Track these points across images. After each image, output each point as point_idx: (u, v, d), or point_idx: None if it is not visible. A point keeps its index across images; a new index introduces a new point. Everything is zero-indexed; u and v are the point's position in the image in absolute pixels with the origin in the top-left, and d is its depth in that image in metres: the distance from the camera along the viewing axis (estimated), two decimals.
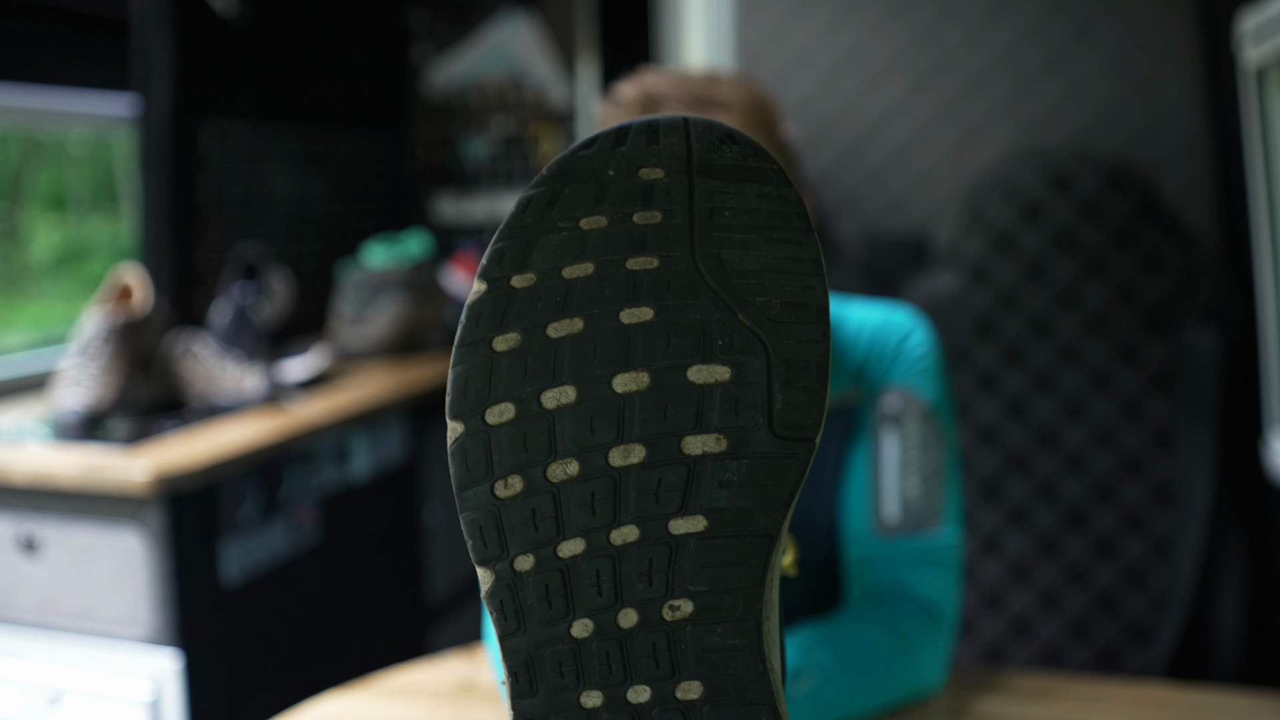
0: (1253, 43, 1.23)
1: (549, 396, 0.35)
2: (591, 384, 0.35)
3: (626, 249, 0.36)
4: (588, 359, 0.35)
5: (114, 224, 2.07)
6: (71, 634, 1.35)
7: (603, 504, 0.34)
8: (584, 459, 0.35)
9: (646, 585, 0.34)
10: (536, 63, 2.43)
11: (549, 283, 0.36)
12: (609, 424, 0.35)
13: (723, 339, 0.35)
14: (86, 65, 1.76)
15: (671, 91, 0.80)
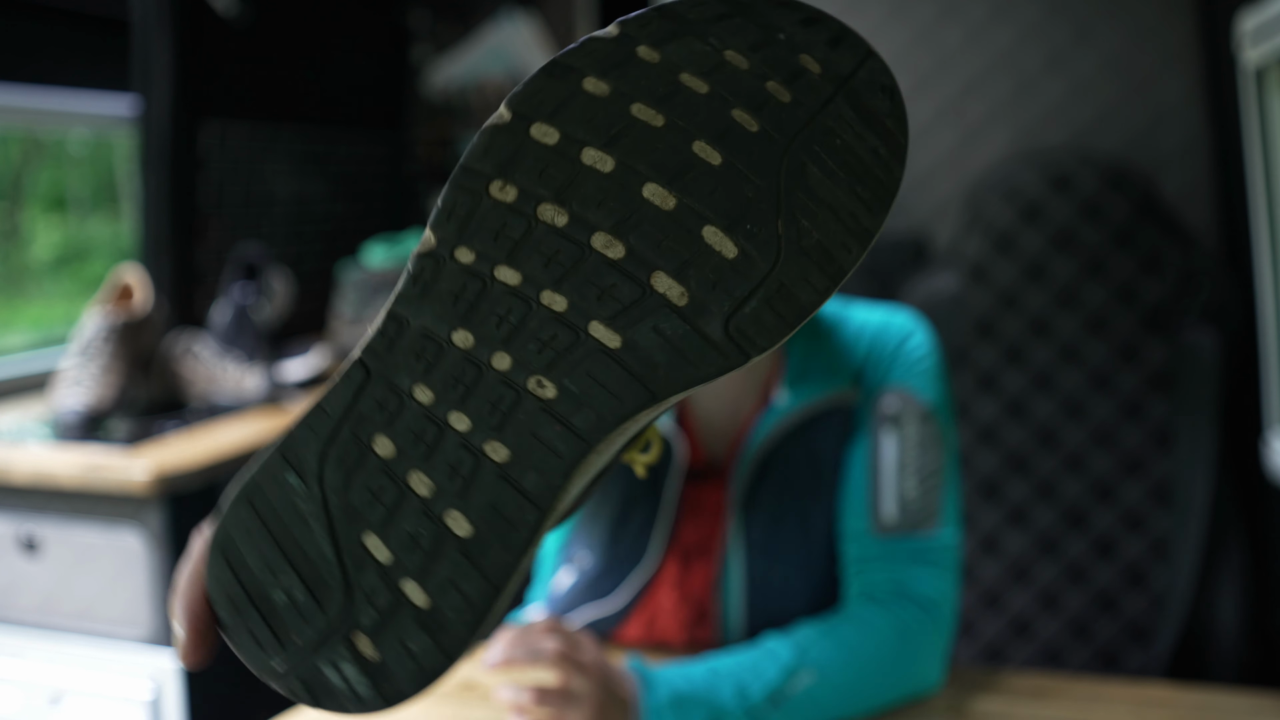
0: (1252, 43, 1.24)
1: (592, 153, 0.35)
2: (629, 171, 0.35)
3: (743, 99, 0.35)
4: (646, 149, 0.35)
5: (114, 224, 2.07)
6: (72, 634, 1.35)
7: (557, 265, 0.34)
8: (574, 220, 0.35)
9: (536, 351, 0.34)
10: (537, 63, 2.43)
11: (665, 74, 0.35)
12: (616, 213, 0.34)
13: (751, 225, 0.34)
14: (87, 65, 1.76)
15: None
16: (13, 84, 1.64)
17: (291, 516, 0.34)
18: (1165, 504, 1.41)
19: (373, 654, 0.34)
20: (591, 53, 0.36)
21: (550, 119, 0.35)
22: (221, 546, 0.35)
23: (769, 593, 0.86)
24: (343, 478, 0.34)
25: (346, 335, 1.96)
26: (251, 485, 0.35)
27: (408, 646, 0.33)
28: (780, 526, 0.86)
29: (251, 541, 0.34)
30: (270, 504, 0.34)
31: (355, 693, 0.34)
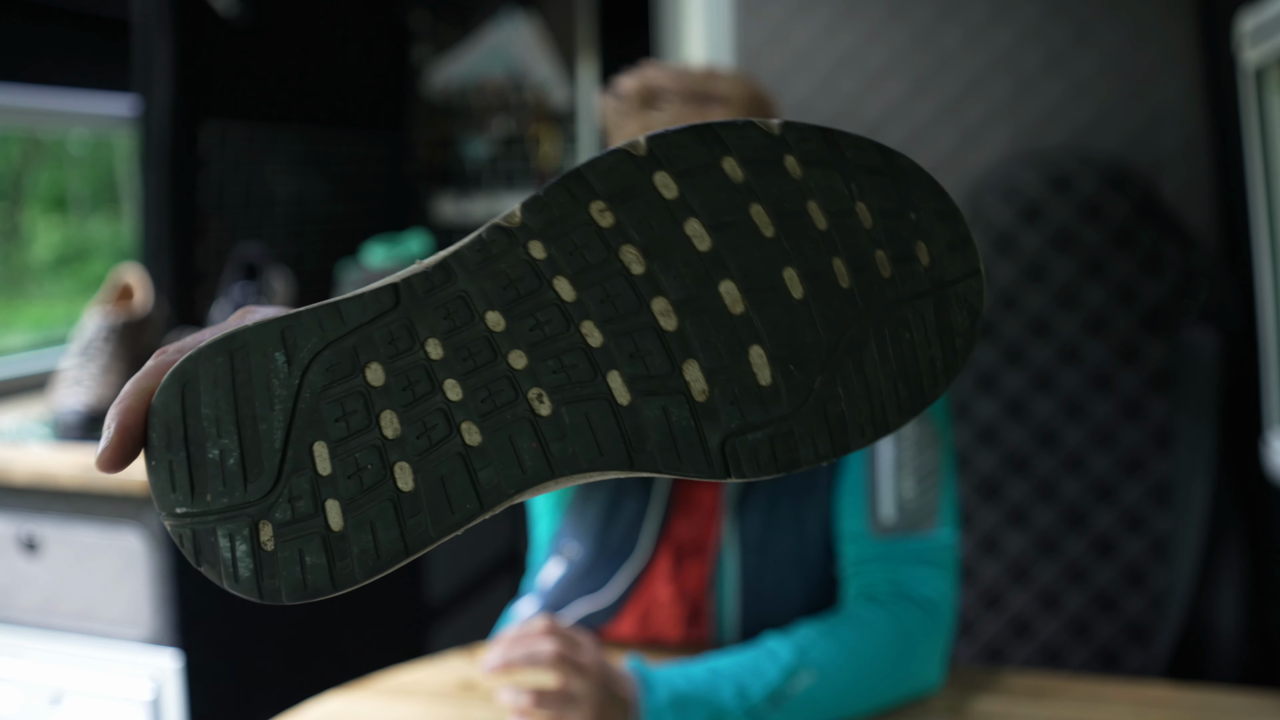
0: (1252, 43, 1.24)
1: (696, 226, 0.34)
2: (719, 260, 0.35)
3: (850, 253, 0.35)
4: (744, 249, 0.34)
5: (115, 224, 2.08)
6: (72, 634, 1.35)
7: (611, 306, 0.34)
8: (648, 276, 0.35)
9: (552, 368, 0.34)
10: (537, 63, 2.43)
11: (797, 194, 0.35)
12: (686, 290, 0.34)
13: (794, 367, 0.35)
14: (87, 65, 1.76)
15: (671, 85, 0.81)
16: (13, 84, 1.65)
17: (261, 390, 0.34)
18: (1165, 504, 1.41)
19: (270, 547, 0.34)
20: (746, 138, 0.35)
21: (678, 176, 0.35)
22: (182, 378, 0.35)
23: (763, 592, 0.86)
24: (324, 382, 0.34)
25: None
26: (238, 340, 0.35)
27: (304, 558, 0.34)
28: (774, 526, 0.86)
29: (213, 391, 0.34)
30: (247, 368, 0.34)
31: (235, 571, 0.35)
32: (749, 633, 0.86)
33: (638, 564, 0.88)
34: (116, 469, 0.35)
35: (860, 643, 0.77)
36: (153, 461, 0.35)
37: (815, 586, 0.87)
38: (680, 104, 0.80)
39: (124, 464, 0.35)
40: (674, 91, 0.81)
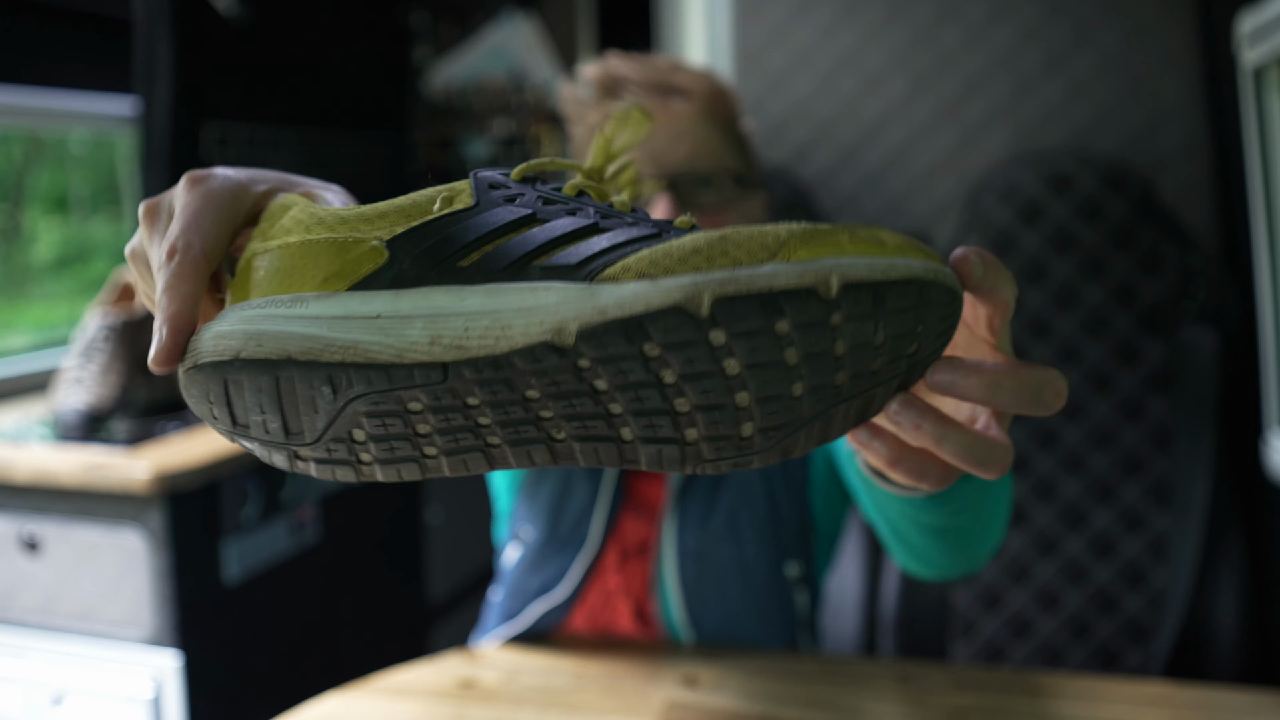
0: (1251, 44, 1.24)
1: (733, 363, 0.36)
2: (740, 381, 0.37)
3: (855, 366, 0.37)
4: (766, 379, 0.37)
5: (116, 225, 2.08)
6: (73, 634, 1.35)
7: (637, 399, 0.37)
8: (679, 382, 0.37)
9: (568, 417, 0.37)
10: (537, 64, 2.43)
11: (830, 338, 0.37)
12: (707, 397, 0.36)
13: (775, 431, 0.38)
14: (89, 66, 1.77)
15: (634, 76, 0.81)
16: (15, 85, 1.65)
17: (306, 403, 0.37)
18: (1164, 503, 1.41)
19: (307, 469, 0.39)
20: (805, 307, 0.35)
21: (731, 335, 0.35)
22: (224, 373, 0.38)
23: (705, 597, 0.86)
24: (368, 408, 0.37)
25: None
26: (284, 369, 0.37)
27: (334, 474, 0.39)
28: (708, 529, 0.87)
29: (256, 395, 0.37)
30: (293, 389, 0.37)
31: (269, 456, 0.40)
32: (701, 633, 0.87)
33: (588, 556, 0.88)
34: (170, 367, 0.38)
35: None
36: (191, 391, 0.40)
37: (760, 591, 0.87)
38: (642, 95, 0.80)
39: (177, 360, 0.38)
40: (636, 82, 0.80)
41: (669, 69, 0.82)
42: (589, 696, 0.81)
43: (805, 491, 0.92)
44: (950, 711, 0.79)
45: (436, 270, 0.37)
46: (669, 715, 0.78)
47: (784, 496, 0.90)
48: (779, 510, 0.90)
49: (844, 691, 0.81)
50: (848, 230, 0.36)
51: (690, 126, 0.80)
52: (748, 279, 0.34)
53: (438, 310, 0.36)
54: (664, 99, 0.80)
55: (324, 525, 1.60)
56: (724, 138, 0.82)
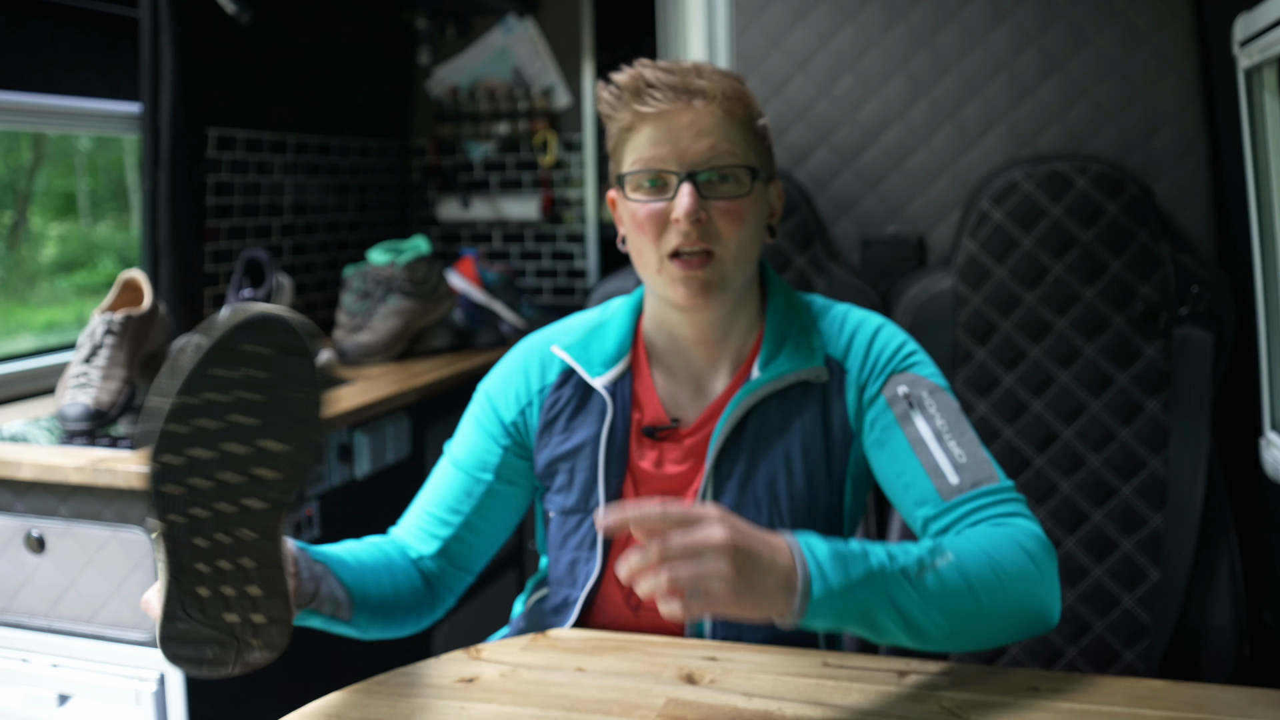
0: (1247, 47, 1.25)
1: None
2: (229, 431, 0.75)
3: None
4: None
5: (121, 227, 2.09)
6: (78, 632, 1.36)
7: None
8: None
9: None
10: (539, 67, 2.44)
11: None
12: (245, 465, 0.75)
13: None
14: (95, 69, 1.78)
15: (659, 80, 0.89)
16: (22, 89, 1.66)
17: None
18: (1158, 502, 1.42)
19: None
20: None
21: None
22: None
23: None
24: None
25: (350, 337, 1.97)
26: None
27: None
28: (747, 493, 0.93)
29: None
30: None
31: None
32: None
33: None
34: None
35: (985, 542, 0.81)
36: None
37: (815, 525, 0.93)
38: (667, 96, 0.88)
39: None
40: (661, 85, 0.88)
41: (692, 72, 0.90)
42: (590, 693, 0.82)
43: (844, 480, 0.96)
44: (948, 709, 0.80)
45: None
46: (669, 712, 0.79)
47: (823, 479, 0.94)
48: (816, 491, 0.94)
49: (843, 688, 0.82)
50: None
51: (711, 125, 0.89)
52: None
53: None
54: (688, 100, 0.88)
55: (325, 523, 1.61)
56: (743, 134, 0.91)
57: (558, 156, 2.45)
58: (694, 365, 0.97)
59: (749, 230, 0.91)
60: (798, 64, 1.69)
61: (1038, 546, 0.83)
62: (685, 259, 0.89)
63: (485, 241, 2.53)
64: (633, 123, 0.90)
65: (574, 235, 2.47)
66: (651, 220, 0.89)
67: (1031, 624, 0.82)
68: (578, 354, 0.98)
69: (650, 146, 0.89)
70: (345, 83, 2.31)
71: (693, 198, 0.87)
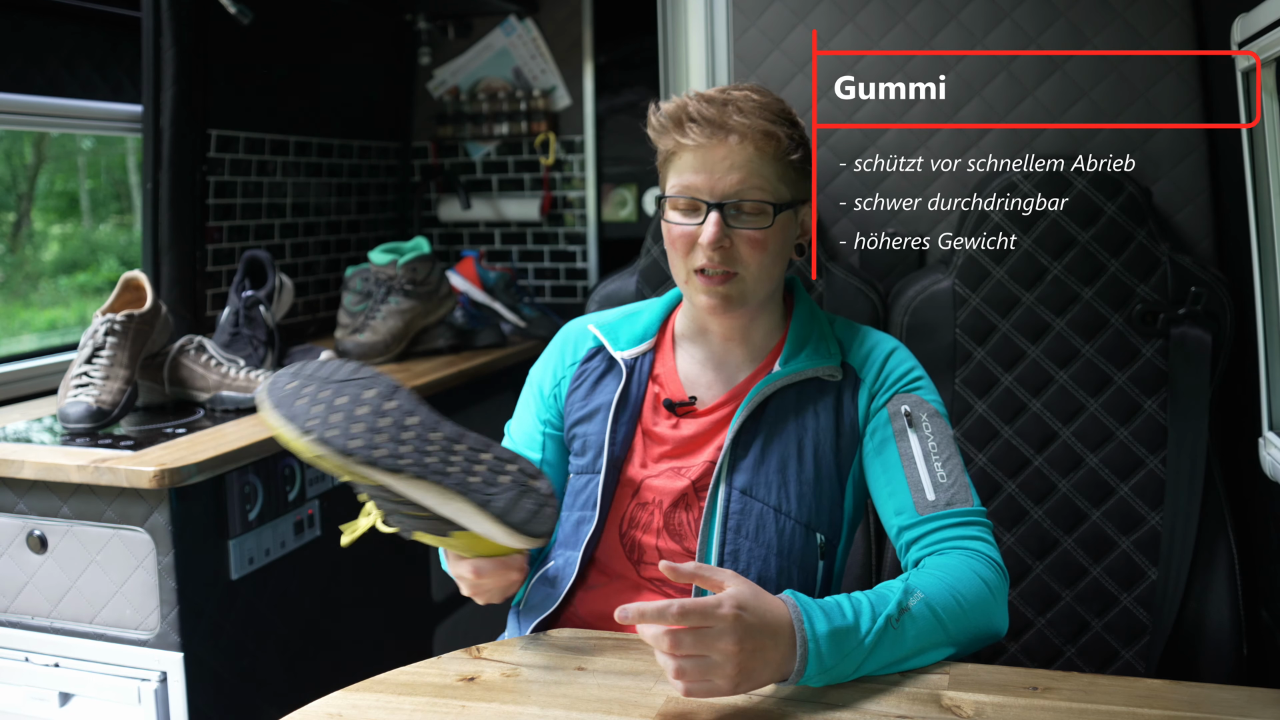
0: (1246, 47, 1.25)
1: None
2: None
3: None
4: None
5: (123, 227, 2.09)
6: (79, 632, 1.36)
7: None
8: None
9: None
10: (539, 68, 2.45)
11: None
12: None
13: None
14: (98, 70, 1.78)
15: (699, 114, 0.98)
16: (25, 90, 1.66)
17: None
18: (1157, 502, 1.42)
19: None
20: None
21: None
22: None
23: (741, 536, 0.99)
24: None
25: (352, 337, 1.97)
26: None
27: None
28: (760, 473, 1.00)
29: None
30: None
31: None
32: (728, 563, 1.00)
33: (605, 478, 1.04)
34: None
35: (948, 576, 0.89)
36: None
37: (789, 547, 1.00)
38: (703, 130, 0.97)
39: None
40: (701, 120, 0.97)
41: (733, 108, 0.98)
42: (590, 693, 0.82)
43: (847, 478, 1.03)
44: (948, 708, 0.80)
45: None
46: (669, 711, 0.79)
47: (830, 471, 1.02)
48: (822, 481, 1.02)
49: (842, 687, 0.83)
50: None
51: (743, 161, 0.98)
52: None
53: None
54: (724, 135, 0.97)
55: (327, 523, 1.62)
56: (774, 169, 0.99)
57: (558, 157, 2.46)
58: (718, 356, 1.06)
59: (770, 256, 0.99)
60: (798, 64, 1.69)
61: (992, 572, 0.92)
62: (709, 275, 0.99)
63: (486, 242, 2.54)
64: (675, 149, 1.00)
65: (574, 236, 2.47)
66: (683, 239, 0.99)
67: (985, 639, 0.91)
68: (607, 331, 1.09)
69: (688, 174, 0.98)
70: (346, 83, 2.32)
71: (718, 227, 0.97)
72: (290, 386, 0.84)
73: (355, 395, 0.84)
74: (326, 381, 0.85)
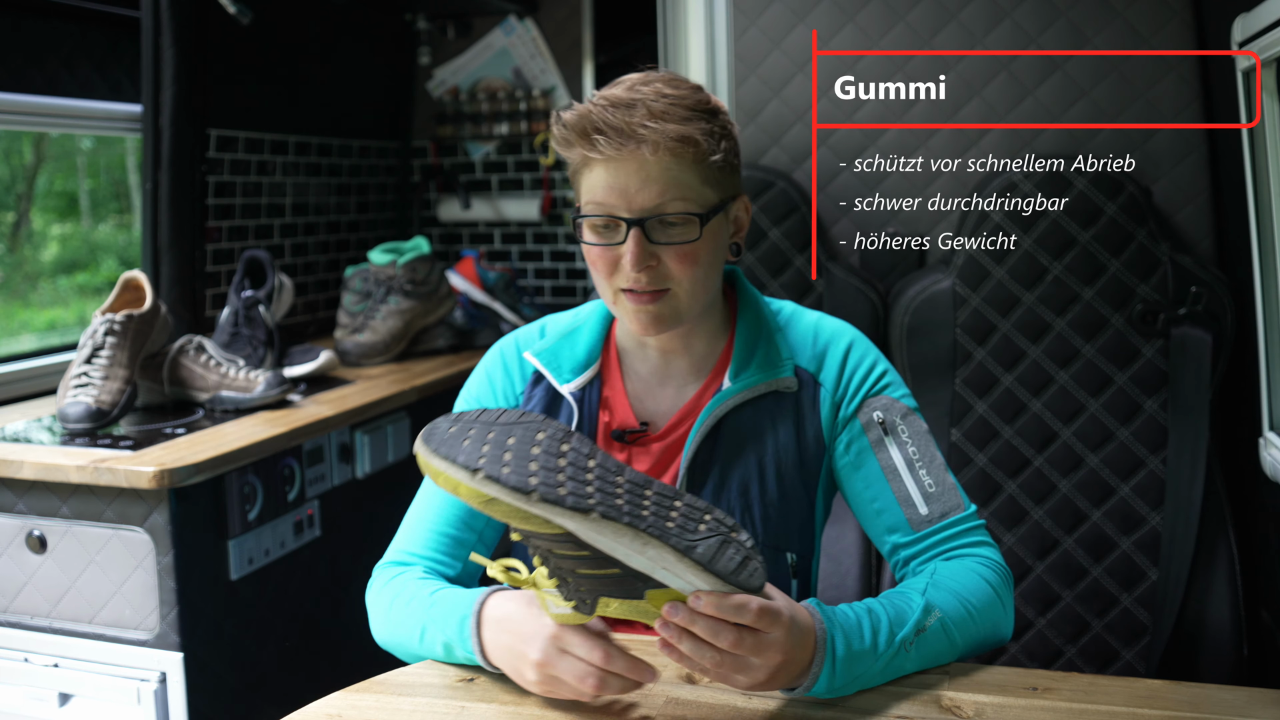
0: (1246, 47, 1.25)
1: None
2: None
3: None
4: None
5: (123, 227, 2.09)
6: (79, 632, 1.36)
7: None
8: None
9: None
10: (539, 68, 2.45)
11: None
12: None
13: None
14: (97, 70, 1.78)
15: (605, 124, 0.86)
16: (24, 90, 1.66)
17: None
18: (1157, 502, 1.42)
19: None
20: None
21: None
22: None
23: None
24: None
25: (351, 337, 1.97)
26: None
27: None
28: (721, 499, 0.94)
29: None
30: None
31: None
32: None
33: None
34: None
35: (961, 588, 0.87)
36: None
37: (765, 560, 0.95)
38: (612, 145, 0.86)
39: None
40: (607, 131, 0.86)
41: (641, 114, 0.86)
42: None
43: (816, 489, 0.97)
44: (948, 708, 0.80)
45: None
46: (669, 712, 0.79)
47: (797, 488, 0.96)
48: (789, 498, 0.95)
49: None
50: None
51: (659, 172, 0.87)
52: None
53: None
54: (634, 146, 0.86)
55: (327, 523, 1.62)
56: (695, 174, 0.89)
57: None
58: (662, 371, 0.99)
59: (703, 268, 0.90)
60: (798, 64, 1.69)
61: (997, 576, 0.90)
62: (638, 294, 0.90)
63: (485, 242, 2.54)
64: (584, 162, 0.90)
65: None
66: (604, 260, 0.90)
67: (992, 645, 0.90)
68: (548, 360, 0.99)
69: (601, 190, 0.88)
70: (346, 83, 2.32)
71: (640, 245, 0.88)
72: (452, 430, 0.75)
73: (526, 436, 0.75)
74: (492, 424, 0.76)
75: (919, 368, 1.49)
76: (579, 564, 0.74)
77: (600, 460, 0.75)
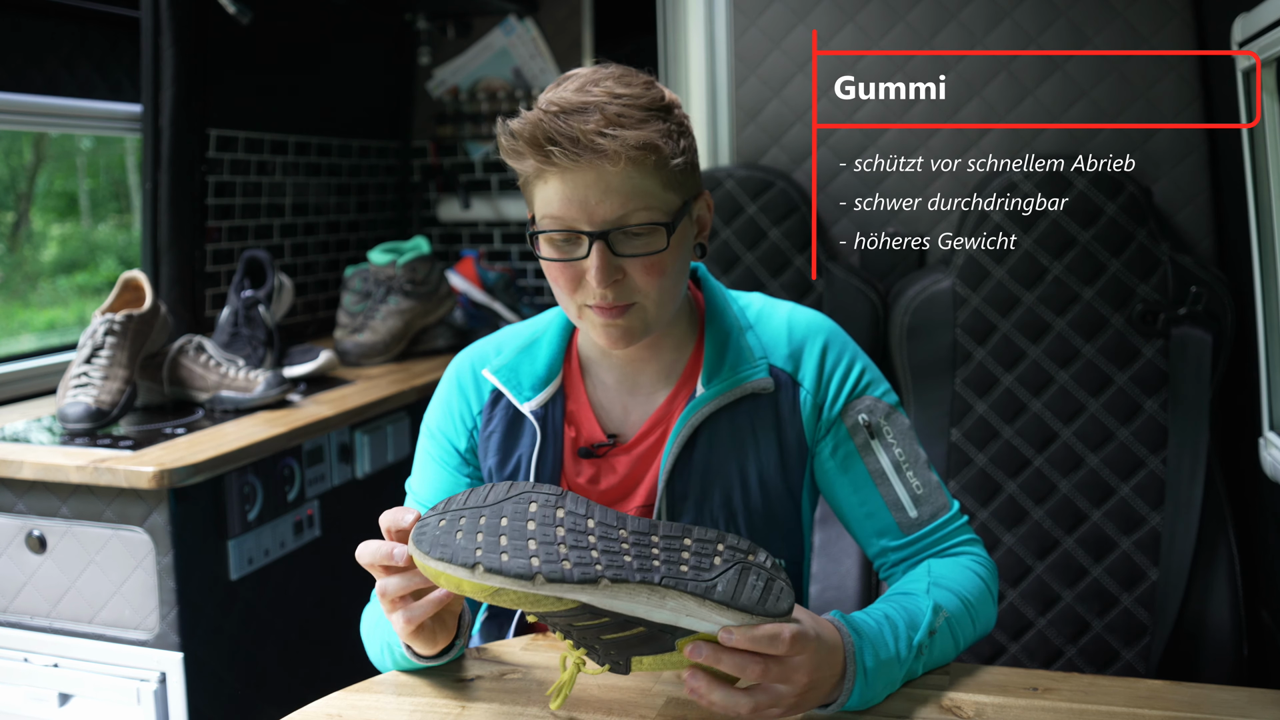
0: (1246, 47, 1.25)
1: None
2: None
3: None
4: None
5: (122, 227, 2.09)
6: (78, 632, 1.36)
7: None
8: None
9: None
10: (539, 68, 2.45)
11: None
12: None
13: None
14: (97, 70, 1.78)
15: (559, 134, 0.80)
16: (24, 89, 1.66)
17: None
18: (1157, 502, 1.42)
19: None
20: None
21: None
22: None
23: None
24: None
25: (351, 337, 1.97)
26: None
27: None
28: (704, 511, 0.91)
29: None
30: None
31: None
32: None
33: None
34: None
35: (960, 587, 0.88)
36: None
37: (771, 534, 0.95)
38: (568, 157, 0.80)
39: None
40: (562, 142, 0.80)
41: (596, 121, 0.80)
42: (590, 693, 0.82)
43: (801, 493, 0.95)
44: (948, 708, 0.80)
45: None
46: (669, 712, 0.79)
47: (781, 494, 0.93)
48: (773, 505, 0.93)
49: None
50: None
51: (620, 182, 0.81)
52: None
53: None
54: (591, 157, 0.80)
55: (327, 523, 1.62)
56: (657, 181, 0.83)
57: None
58: (629, 379, 0.95)
59: (671, 277, 0.86)
60: (798, 64, 1.69)
61: (987, 571, 0.93)
62: (604, 309, 0.85)
63: (485, 242, 2.54)
64: (537, 173, 0.83)
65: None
66: (566, 276, 0.85)
67: (980, 636, 0.91)
68: (507, 378, 0.94)
69: (558, 203, 0.82)
70: (346, 83, 2.32)
71: (604, 259, 0.82)
72: (442, 524, 0.72)
73: (518, 512, 0.72)
74: (481, 508, 0.72)
75: (919, 368, 1.49)
76: (602, 630, 0.72)
77: (599, 518, 0.73)
